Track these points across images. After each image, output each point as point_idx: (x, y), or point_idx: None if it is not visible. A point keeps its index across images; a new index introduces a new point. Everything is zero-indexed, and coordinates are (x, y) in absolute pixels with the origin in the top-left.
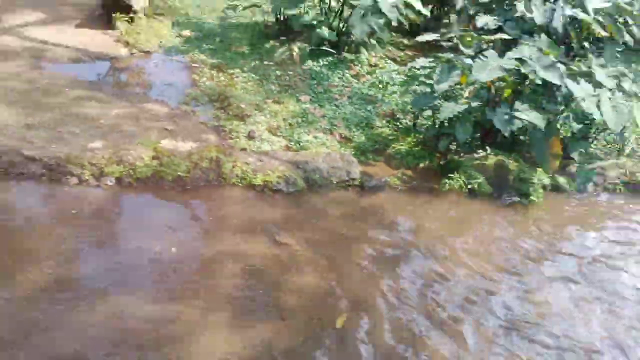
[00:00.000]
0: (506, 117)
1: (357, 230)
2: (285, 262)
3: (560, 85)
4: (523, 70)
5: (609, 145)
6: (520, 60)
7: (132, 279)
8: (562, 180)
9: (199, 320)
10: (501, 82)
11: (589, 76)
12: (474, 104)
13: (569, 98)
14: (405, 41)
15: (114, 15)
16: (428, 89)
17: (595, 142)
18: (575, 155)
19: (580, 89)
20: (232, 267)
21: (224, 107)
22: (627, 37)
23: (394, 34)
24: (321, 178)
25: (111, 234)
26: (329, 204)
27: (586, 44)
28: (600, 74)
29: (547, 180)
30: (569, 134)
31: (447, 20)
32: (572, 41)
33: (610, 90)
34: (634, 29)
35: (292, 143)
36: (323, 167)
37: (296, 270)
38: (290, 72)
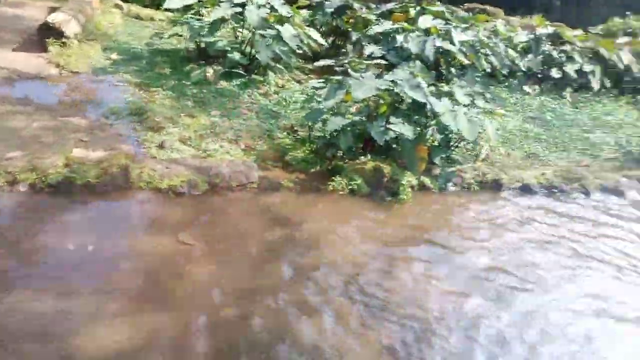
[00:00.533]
0: (382, 129)
1: (253, 226)
2: (184, 258)
3: (426, 103)
4: (396, 90)
5: (468, 152)
6: (393, 81)
7: (36, 276)
8: (427, 180)
9: (92, 314)
10: (381, 100)
11: (450, 95)
12: (356, 118)
13: (433, 113)
14: (310, 66)
15: (47, 40)
16: (320, 106)
17: (457, 149)
18: (437, 160)
19: (441, 106)
20: (133, 265)
21: (141, 120)
22: (486, 65)
23: (300, 60)
24: (223, 181)
25: (18, 235)
26: (229, 204)
27: (453, 70)
28: (458, 94)
29: (415, 181)
30: (435, 143)
31: (345, 49)
32: (442, 67)
33: (466, 106)
34: (492, 58)
35: (200, 151)
36: (225, 172)
37: (192, 265)
38: (205, 91)
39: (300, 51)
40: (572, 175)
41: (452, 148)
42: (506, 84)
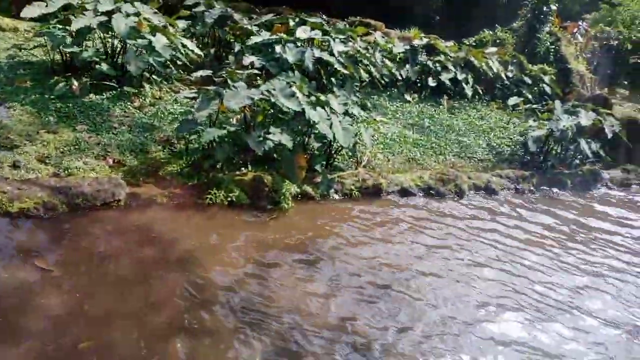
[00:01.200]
0: (260, 139)
1: (120, 247)
2: (40, 285)
3: (301, 112)
4: (272, 100)
5: (350, 159)
6: (268, 91)
7: None
8: (309, 189)
9: None
10: (259, 110)
11: (326, 104)
12: (233, 128)
13: (311, 122)
14: (192, 78)
15: None
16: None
17: (340, 156)
18: (318, 167)
19: (316, 114)
20: None
21: None
22: (364, 75)
23: (182, 71)
24: (85, 201)
25: None
26: (93, 224)
27: (333, 80)
28: (333, 103)
29: (296, 190)
30: (316, 152)
31: (227, 60)
32: (323, 77)
33: (342, 115)
34: (372, 68)
35: (60, 170)
36: (87, 191)
37: (49, 292)
38: (70, 105)
39: (180, 62)
40: (447, 177)
41: (334, 156)
42: (388, 93)
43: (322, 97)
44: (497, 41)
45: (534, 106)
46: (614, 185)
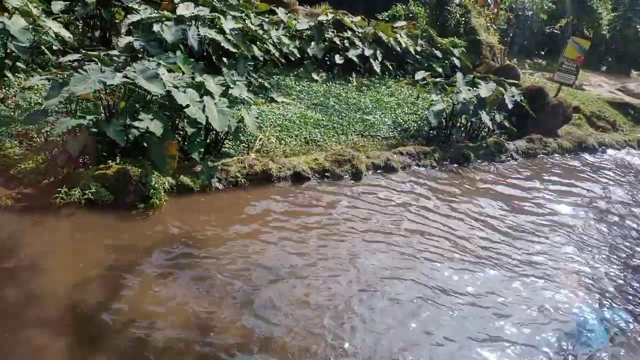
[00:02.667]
0: (120, 128)
1: None
2: None
3: (165, 95)
4: (139, 83)
5: (242, 144)
6: (127, 75)
7: None
8: (187, 179)
9: None
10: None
11: (201, 86)
12: (91, 117)
13: (182, 106)
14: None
15: None
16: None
17: (231, 142)
18: (195, 155)
19: (185, 97)
20: None
21: None
22: (258, 53)
23: (60, 56)
24: None
25: None
26: None
27: (225, 60)
28: (209, 84)
29: (172, 182)
30: (192, 138)
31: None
32: (212, 56)
33: (219, 96)
34: (270, 47)
35: None
36: None
37: None
38: None
39: (55, 47)
40: (343, 157)
41: (222, 142)
42: (296, 72)
43: (198, 79)
44: (410, 15)
45: (437, 80)
46: (519, 156)
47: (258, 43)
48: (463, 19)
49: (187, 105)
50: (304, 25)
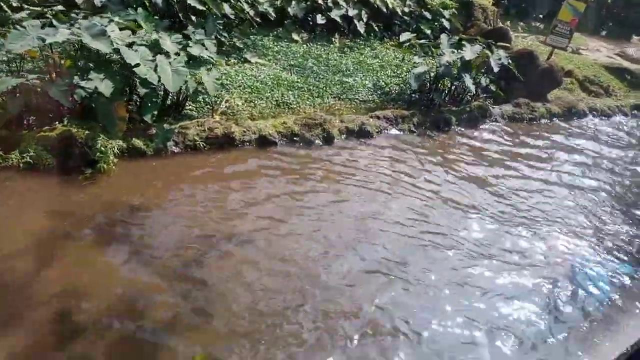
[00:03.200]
0: (65, 87)
1: None
2: None
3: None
4: (84, 40)
5: (207, 106)
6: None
7: None
8: (139, 143)
9: None
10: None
11: (156, 44)
12: (33, 76)
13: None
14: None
15: None
16: None
17: (195, 103)
18: (147, 117)
19: (135, 55)
20: None
21: None
22: (229, 11)
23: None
24: None
25: None
26: None
27: (194, 18)
28: (164, 42)
29: (122, 145)
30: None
31: None
32: (179, 14)
33: (175, 55)
34: (244, 5)
35: None
36: None
37: None
38: None
39: (16, 3)
40: (314, 121)
41: (184, 103)
42: (275, 32)
43: (154, 36)
44: None
45: (422, 41)
46: (504, 120)
47: (232, 1)
48: None
49: (138, 65)
50: None
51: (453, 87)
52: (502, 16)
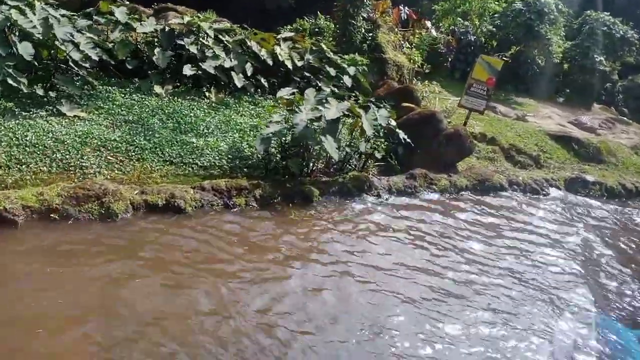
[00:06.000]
0: None
1: None
2: None
3: None
4: None
5: None
6: None
7: None
8: None
9: None
10: None
11: None
12: None
13: None
14: None
15: None
16: None
17: None
18: None
19: None
20: None
21: None
22: (27, 52)
23: None
24: None
25: None
26: None
27: None
28: None
29: None
30: None
31: None
32: None
33: None
34: (69, 48)
35: None
36: None
37: None
38: None
39: None
40: (90, 192)
41: None
42: (137, 84)
43: None
44: (317, 30)
45: (289, 97)
46: (392, 195)
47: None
48: (370, 34)
49: None
50: (149, 29)
51: (323, 153)
52: (449, 77)
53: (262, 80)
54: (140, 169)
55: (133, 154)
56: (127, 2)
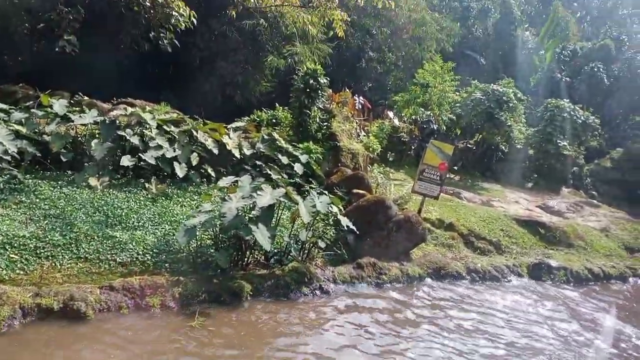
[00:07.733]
0: None
1: None
2: None
3: None
4: None
5: None
6: None
7: None
8: None
9: None
10: None
11: None
12: None
13: None
14: None
15: None
16: None
17: None
18: None
19: None
20: None
21: None
22: None
23: None
24: None
25: None
26: None
27: None
28: None
29: None
30: None
31: None
32: None
33: None
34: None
35: None
36: None
37: None
38: None
39: None
40: None
41: None
42: (72, 177)
43: None
44: (274, 120)
45: (221, 186)
46: (334, 285)
47: None
48: (325, 124)
49: None
50: (87, 120)
51: (252, 244)
52: (414, 164)
53: (210, 169)
54: (45, 267)
55: (42, 251)
56: (86, 98)
